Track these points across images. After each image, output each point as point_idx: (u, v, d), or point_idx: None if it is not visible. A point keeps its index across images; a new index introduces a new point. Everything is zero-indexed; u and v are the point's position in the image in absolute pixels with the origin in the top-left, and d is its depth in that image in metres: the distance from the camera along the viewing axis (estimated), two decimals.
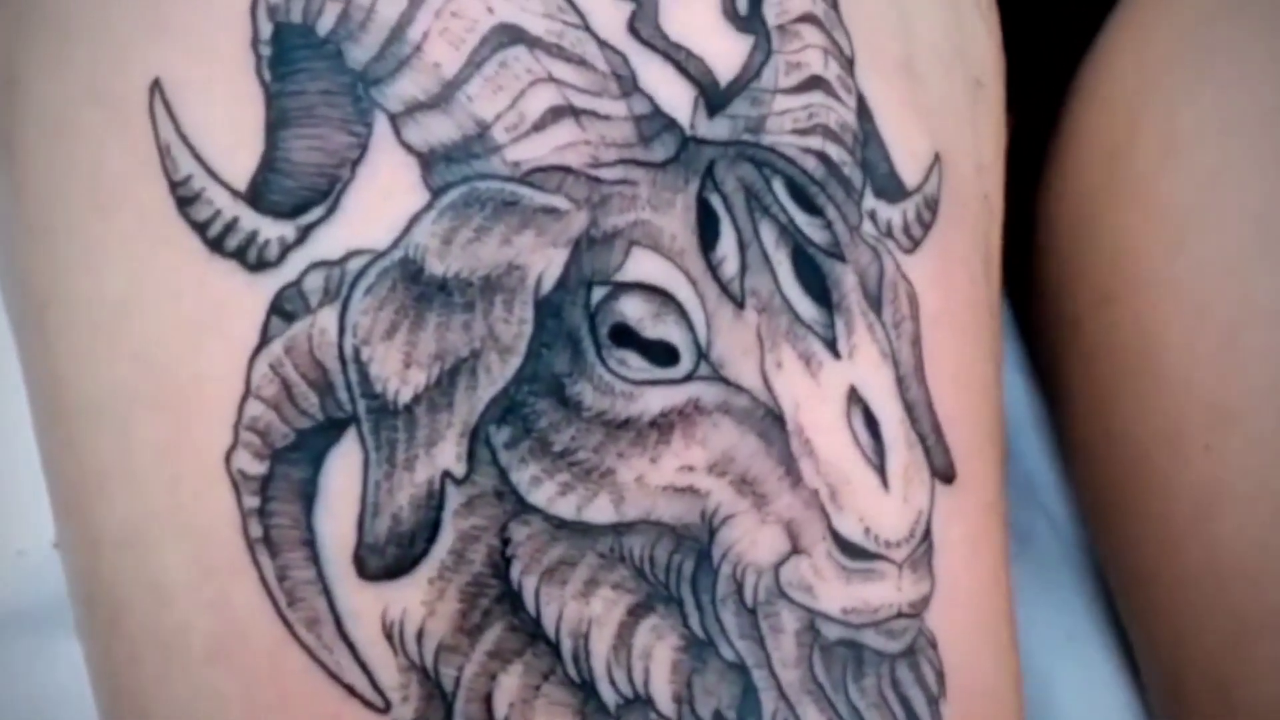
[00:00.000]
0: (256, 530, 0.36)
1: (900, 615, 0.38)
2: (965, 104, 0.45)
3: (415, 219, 0.36)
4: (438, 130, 0.36)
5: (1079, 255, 0.54)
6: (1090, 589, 0.65)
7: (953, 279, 0.42)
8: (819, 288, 0.38)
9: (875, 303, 0.39)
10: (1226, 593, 0.47)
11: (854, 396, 0.38)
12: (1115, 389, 0.54)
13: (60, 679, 0.58)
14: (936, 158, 0.42)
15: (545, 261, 0.36)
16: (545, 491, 0.36)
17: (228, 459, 0.37)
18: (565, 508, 0.36)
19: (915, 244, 0.41)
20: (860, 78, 0.40)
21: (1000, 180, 0.47)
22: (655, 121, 0.37)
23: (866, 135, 0.40)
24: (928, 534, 0.39)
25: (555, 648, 0.36)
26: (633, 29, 0.37)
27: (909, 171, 0.41)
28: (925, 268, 0.41)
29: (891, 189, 0.40)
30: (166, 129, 0.37)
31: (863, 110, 0.40)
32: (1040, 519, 0.66)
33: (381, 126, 0.36)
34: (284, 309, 0.36)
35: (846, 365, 0.38)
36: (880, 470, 0.38)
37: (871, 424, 0.38)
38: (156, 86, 0.38)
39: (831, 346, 0.38)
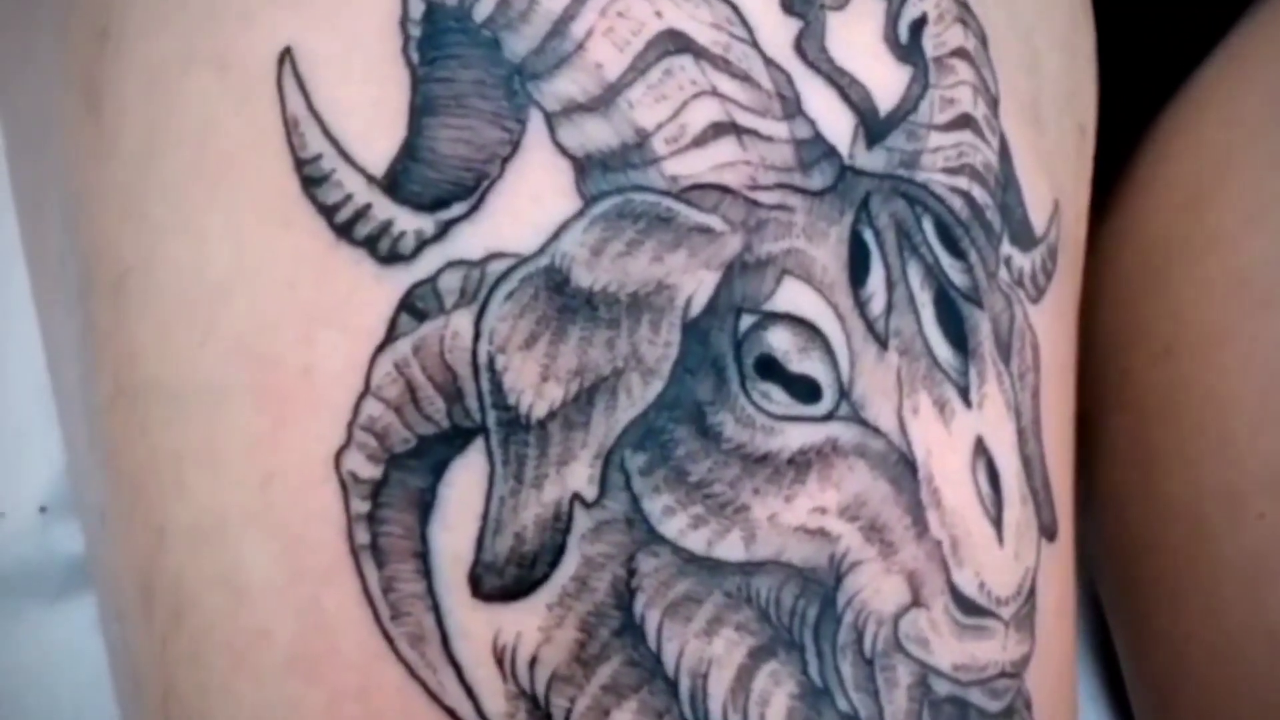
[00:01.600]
0: (363, 536, 0.34)
1: (1004, 675, 0.37)
2: (1074, 151, 0.44)
3: (565, 226, 0.34)
4: (595, 135, 0.35)
5: (1140, 305, 0.53)
6: (1085, 651, 0.64)
7: (1063, 332, 0.41)
8: (957, 333, 0.37)
9: (1005, 352, 0.38)
10: (1275, 660, 0.47)
11: (980, 447, 0.37)
12: (1164, 446, 0.53)
13: (37, 648, 0.56)
14: (1056, 205, 0.41)
15: (696, 283, 0.35)
16: (677, 523, 0.34)
17: (338, 459, 0.35)
18: (696, 542, 0.34)
19: (1040, 293, 0.40)
20: (1002, 119, 0.39)
21: (1086, 230, 0.47)
22: (816, 147, 0.36)
23: (1006, 179, 0.39)
24: (1033, 592, 0.38)
25: (673, 686, 0.34)
26: (799, 48, 0.36)
27: (1037, 219, 0.40)
28: (1046, 319, 0.40)
29: (1024, 236, 0.39)
30: (296, 102, 0.35)
31: (1004, 153, 0.39)
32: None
33: (536, 125, 0.35)
34: (415, 306, 0.34)
35: (976, 415, 0.37)
36: (997, 524, 0.37)
37: (993, 476, 0.37)
38: (287, 55, 0.35)
39: (965, 395, 0.37)
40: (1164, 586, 0.54)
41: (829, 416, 0.35)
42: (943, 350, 0.37)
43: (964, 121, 0.38)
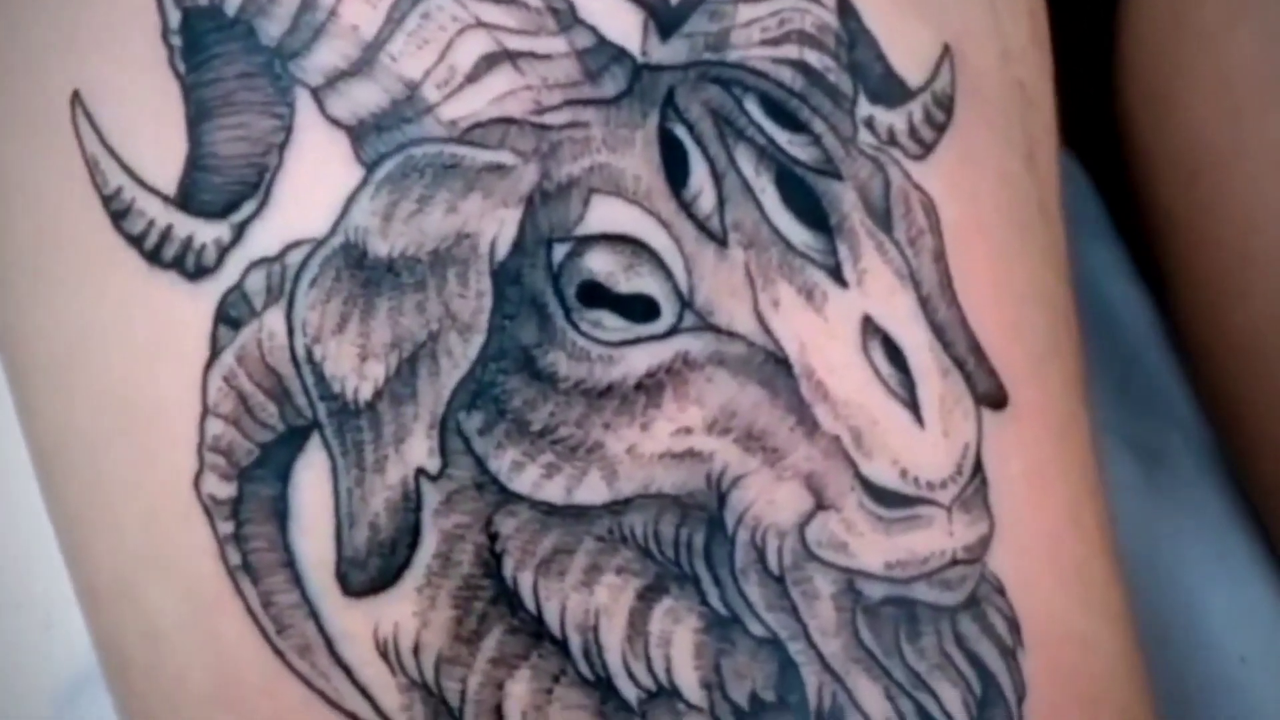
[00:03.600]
0: (235, 557, 0.34)
1: (955, 562, 0.34)
2: None
3: (351, 199, 0.33)
4: (364, 99, 0.33)
5: (1157, 132, 0.48)
6: (1237, 502, 0.59)
7: (981, 182, 0.38)
8: (813, 211, 0.34)
9: (883, 219, 0.35)
10: None
11: (870, 327, 0.34)
12: (1217, 277, 0.48)
13: None
14: (946, 50, 0.38)
15: (497, 225, 0.33)
16: (529, 477, 0.33)
17: (196, 484, 0.34)
18: (553, 492, 0.33)
19: (927, 149, 0.36)
20: None
21: (1042, 64, 0.43)
22: (601, 53, 0.33)
23: (853, 35, 0.36)
24: (979, 469, 0.35)
25: (563, 646, 0.33)
26: None
27: (911, 69, 0.37)
28: (943, 173, 0.36)
29: (890, 91, 0.36)
30: (91, 141, 0.35)
31: (845, 7, 0.36)
32: (1173, 434, 0.61)
33: (305, 103, 0.33)
34: (229, 316, 0.34)
35: (856, 293, 0.34)
36: (911, 405, 0.34)
37: (895, 355, 0.34)
38: (76, 98, 0.35)
39: (835, 274, 0.34)
40: (1255, 430, 0.49)
41: (673, 331, 0.33)
42: (797, 233, 0.34)
43: None
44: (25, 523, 0.54)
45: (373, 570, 0.33)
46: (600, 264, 0.33)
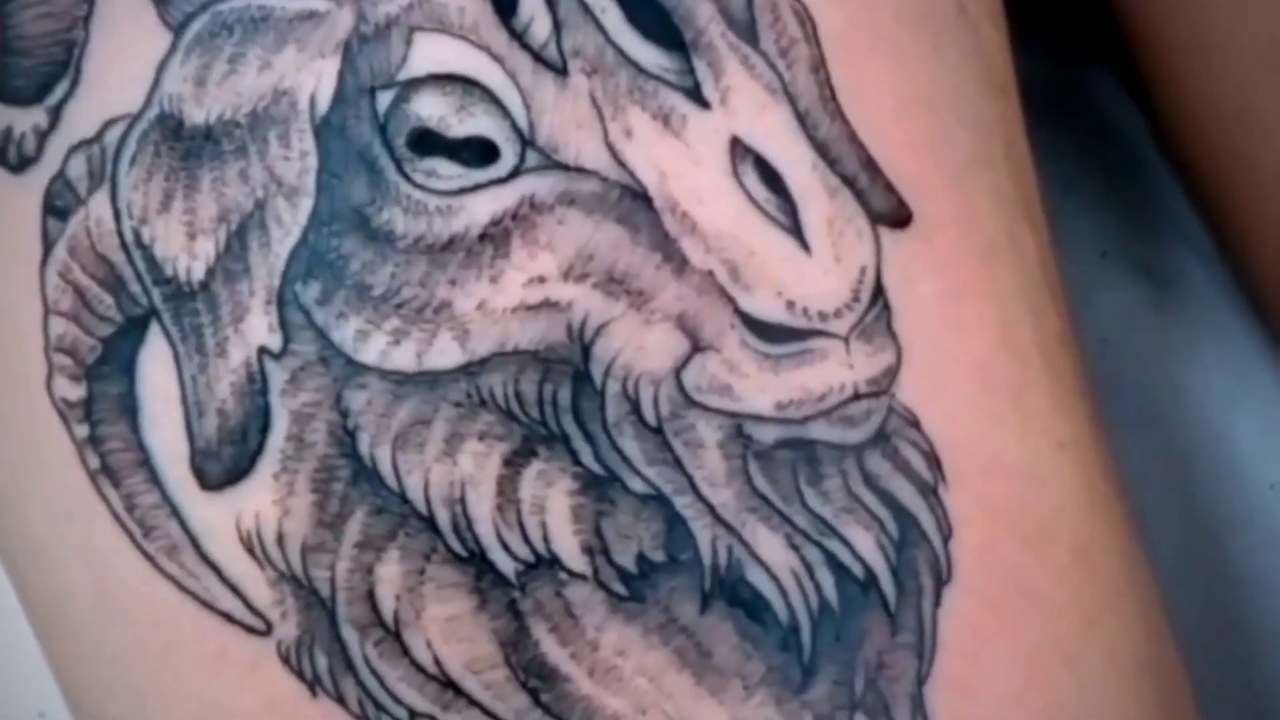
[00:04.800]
0: (94, 461, 0.32)
1: (857, 396, 0.31)
2: None
3: (162, 66, 0.31)
4: None
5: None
6: (1257, 320, 0.55)
7: None
8: (663, 28, 0.31)
9: (748, 31, 0.32)
10: None
11: (740, 149, 0.31)
12: (1190, 73, 0.45)
13: None
14: None
15: (315, 77, 0.30)
16: (375, 345, 0.30)
17: (48, 387, 0.32)
18: (403, 359, 0.30)
19: None
20: None
21: None
22: None
23: None
24: (880, 293, 0.32)
25: (431, 522, 0.30)
26: None
27: None
28: None
29: None
30: None
31: None
32: (1187, 255, 0.57)
33: None
34: (56, 206, 0.32)
35: (720, 113, 0.31)
36: (794, 230, 0.31)
37: (772, 178, 0.31)
38: None
39: (694, 95, 0.31)
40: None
41: (515, 173, 0.30)
42: (647, 53, 0.31)
43: None
44: None
45: (227, 460, 0.31)
46: (429, 108, 0.30)
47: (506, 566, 0.30)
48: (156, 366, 0.31)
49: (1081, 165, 0.58)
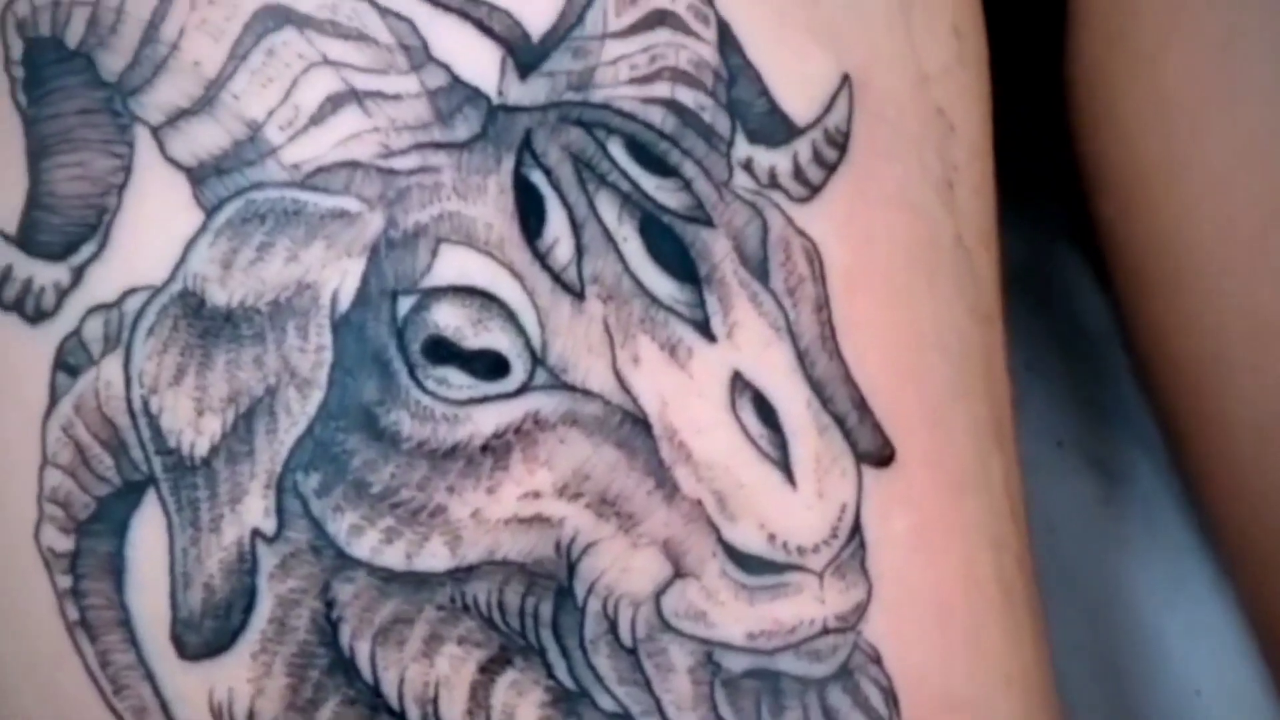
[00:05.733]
0: (73, 613, 0.32)
1: (826, 631, 0.32)
2: (894, 6, 0.38)
3: (190, 245, 0.32)
4: (204, 139, 0.32)
5: (1098, 154, 0.46)
6: (1196, 523, 0.57)
7: (877, 222, 0.36)
8: (680, 262, 0.32)
9: (759, 269, 0.33)
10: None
11: (740, 383, 0.32)
12: (1159, 307, 0.46)
13: None
14: (845, 80, 0.36)
15: (340, 275, 0.31)
16: (368, 541, 0.31)
17: (36, 535, 0.33)
18: (393, 557, 0.31)
19: (814, 190, 0.34)
20: (722, 1, 0.34)
21: (969, 85, 0.40)
22: (455, 94, 0.32)
23: (734, 70, 0.34)
24: (857, 530, 0.33)
25: (401, 718, 0.31)
26: None
27: (800, 103, 0.35)
28: (832, 216, 0.35)
29: (772, 130, 0.34)
30: None
31: (726, 40, 0.34)
32: (1138, 453, 0.58)
33: (145, 143, 0.32)
34: (67, 363, 0.32)
35: (725, 348, 0.32)
36: (782, 465, 0.32)
37: (768, 413, 0.32)
38: None
39: (703, 328, 0.32)
40: (1198, 461, 0.47)
41: (523, 389, 0.31)
42: (663, 285, 0.32)
43: (656, 19, 0.33)
44: None
45: (207, 633, 0.31)
46: (447, 318, 0.31)
47: None
48: (148, 532, 0.32)
49: (1046, 347, 0.60)
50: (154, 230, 0.32)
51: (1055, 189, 0.60)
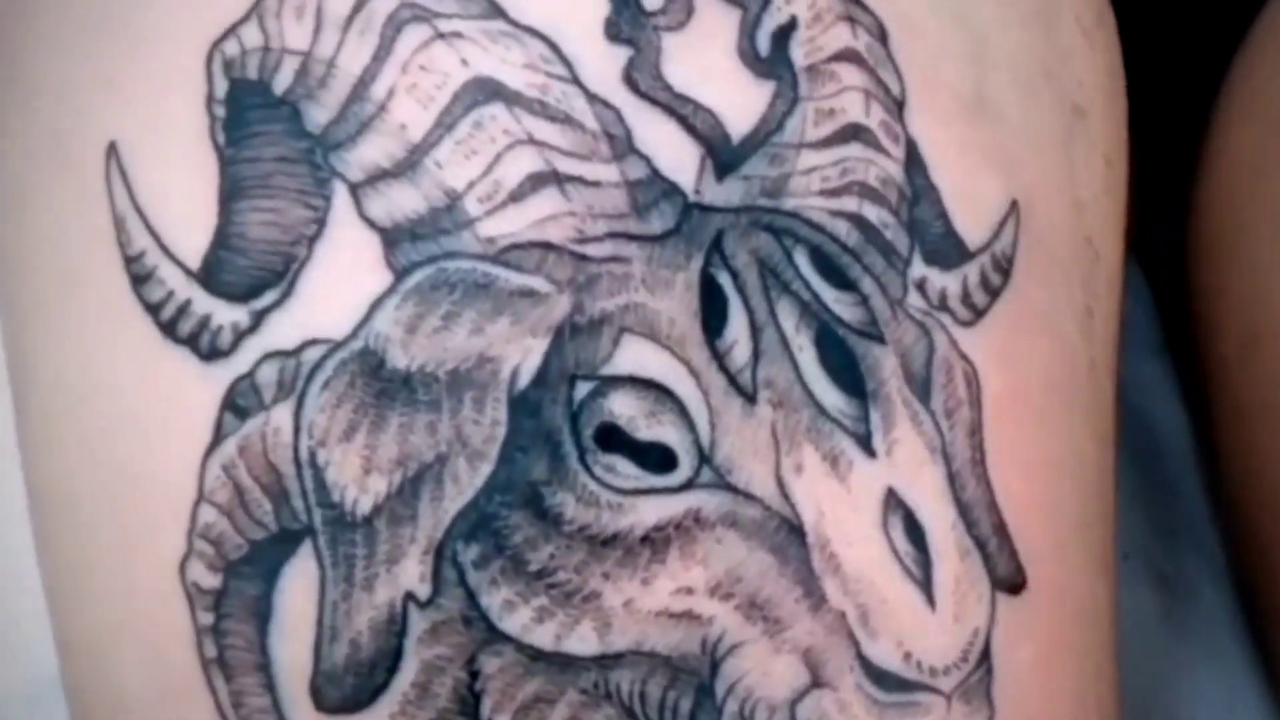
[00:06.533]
0: (211, 650, 0.33)
1: None
2: (1059, 134, 0.38)
3: (377, 304, 0.32)
4: (403, 202, 0.32)
5: (1224, 287, 0.47)
6: (1255, 650, 0.57)
7: (1030, 349, 0.36)
8: (850, 375, 0.33)
9: (922, 388, 0.33)
10: None
11: (893, 501, 0.32)
12: (1265, 448, 0.47)
13: None
14: (1014, 206, 0.36)
15: (522, 353, 0.32)
16: (519, 618, 0.31)
17: (182, 569, 0.33)
18: (542, 637, 0.31)
19: (978, 314, 0.35)
20: (912, 121, 0.34)
21: (1112, 217, 0.41)
22: (653, 188, 0.32)
23: (917, 190, 0.34)
24: (986, 656, 0.33)
25: None
26: (629, 80, 0.32)
27: (973, 227, 0.35)
28: (992, 341, 0.35)
29: (947, 252, 0.34)
30: (121, 198, 0.34)
31: (913, 160, 0.34)
32: (1200, 568, 0.59)
33: (341, 198, 0.32)
34: (237, 404, 0.32)
35: (884, 464, 0.33)
36: (925, 585, 0.32)
37: (915, 532, 0.33)
38: (112, 150, 0.34)
39: (864, 443, 0.33)
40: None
41: (688, 485, 0.32)
42: (831, 396, 0.32)
43: (850, 133, 0.34)
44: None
45: (348, 688, 0.32)
46: (622, 407, 0.32)
47: None
48: (300, 582, 0.32)
49: (1119, 456, 0.60)
50: (341, 285, 0.32)
51: (1150, 299, 0.61)
